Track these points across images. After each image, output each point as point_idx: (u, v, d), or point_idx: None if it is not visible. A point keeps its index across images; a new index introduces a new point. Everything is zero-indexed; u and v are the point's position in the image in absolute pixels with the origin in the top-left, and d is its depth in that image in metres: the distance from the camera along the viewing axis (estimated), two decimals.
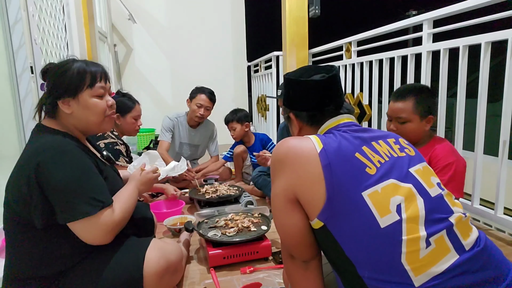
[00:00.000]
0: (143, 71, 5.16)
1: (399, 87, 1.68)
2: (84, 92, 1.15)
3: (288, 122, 1.11)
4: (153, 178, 1.39)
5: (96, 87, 1.16)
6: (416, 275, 0.77)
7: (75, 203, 1.02)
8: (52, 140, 1.08)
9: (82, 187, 1.04)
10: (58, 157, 1.03)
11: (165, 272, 1.20)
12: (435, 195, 0.86)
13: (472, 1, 1.86)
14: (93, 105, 1.17)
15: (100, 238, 1.07)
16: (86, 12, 3.16)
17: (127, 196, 1.21)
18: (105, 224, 1.05)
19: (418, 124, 1.54)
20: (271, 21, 5.06)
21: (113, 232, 1.09)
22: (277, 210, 0.92)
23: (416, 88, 1.59)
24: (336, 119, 1.00)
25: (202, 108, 2.78)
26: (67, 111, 1.14)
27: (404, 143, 0.97)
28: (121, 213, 1.12)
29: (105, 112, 1.20)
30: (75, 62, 1.16)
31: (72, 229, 1.05)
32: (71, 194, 1.02)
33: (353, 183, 0.82)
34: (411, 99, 1.53)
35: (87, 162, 1.09)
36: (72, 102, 1.14)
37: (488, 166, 2.10)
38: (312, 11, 3.90)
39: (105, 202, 1.07)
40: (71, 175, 1.03)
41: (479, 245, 0.82)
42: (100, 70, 1.19)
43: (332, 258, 0.90)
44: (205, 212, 2.08)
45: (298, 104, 1.04)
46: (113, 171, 1.33)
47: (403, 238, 0.78)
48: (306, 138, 0.91)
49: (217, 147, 3.13)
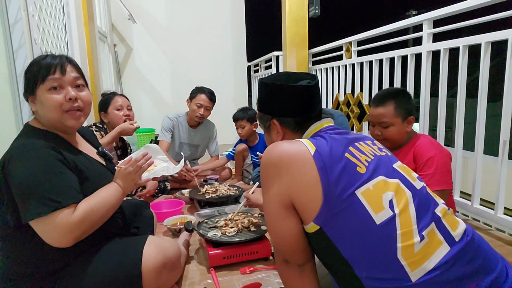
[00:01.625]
0: (143, 71, 5.16)
1: (377, 93, 1.76)
2: (39, 87, 1.10)
3: (267, 130, 1.08)
4: (132, 172, 1.24)
5: (48, 81, 1.09)
6: (413, 270, 0.78)
7: (28, 203, 0.99)
8: (24, 140, 1.08)
9: (38, 187, 1.00)
10: (20, 157, 1.03)
11: (163, 267, 1.19)
12: (419, 188, 0.90)
13: (472, 1, 1.86)
14: (46, 100, 1.10)
15: (58, 240, 1.01)
16: (86, 12, 3.16)
17: (101, 196, 1.13)
18: (60, 226, 0.99)
19: (400, 126, 1.62)
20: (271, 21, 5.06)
21: (71, 234, 1.01)
22: (271, 216, 0.91)
23: (394, 92, 1.66)
24: (320, 123, 1.02)
25: (202, 108, 2.78)
26: (33, 109, 1.14)
27: (379, 145, 1.01)
28: (83, 214, 1.04)
29: (61, 106, 1.11)
30: (37, 59, 1.13)
31: (34, 229, 1.02)
32: (27, 193, 0.99)
33: (348, 182, 0.83)
34: (391, 103, 1.60)
35: (50, 161, 1.04)
36: (35, 100, 1.12)
37: (488, 166, 2.10)
38: (312, 11, 3.90)
39: (62, 202, 1.00)
40: (29, 174, 1.00)
41: (468, 235, 0.85)
42: (55, 62, 1.11)
43: (328, 261, 0.90)
44: (205, 212, 2.09)
45: (284, 109, 1.02)
46: (105, 170, 1.30)
47: (398, 232, 0.80)
48: (297, 142, 0.91)
49: (217, 147, 3.13)
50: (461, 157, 2.08)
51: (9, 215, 1.03)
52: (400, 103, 1.59)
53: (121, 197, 1.20)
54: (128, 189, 1.24)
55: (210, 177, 2.87)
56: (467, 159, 2.37)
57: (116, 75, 4.88)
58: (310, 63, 3.93)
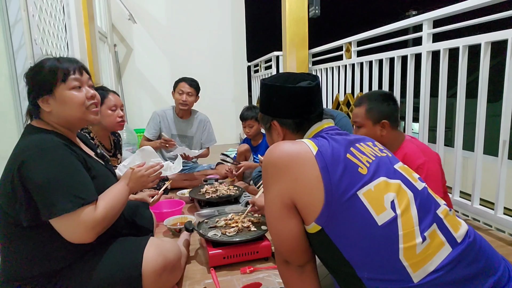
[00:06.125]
0: (143, 71, 5.16)
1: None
2: (58, 87, 1.13)
3: (268, 131, 1.08)
4: (145, 176, 1.33)
5: (69, 80, 1.15)
6: (415, 271, 0.77)
7: (55, 200, 1.01)
8: (36, 139, 1.08)
9: (63, 184, 1.03)
10: (40, 155, 1.04)
11: (163, 270, 1.19)
12: (421, 188, 0.89)
13: (472, 1, 1.86)
14: (70, 98, 1.15)
15: (81, 236, 1.04)
16: (86, 12, 3.16)
17: (114, 194, 1.18)
18: (85, 222, 1.03)
19: (370, 128, 1.62)
20: (271, 21, 5.06)
21: (94, 230, 1.06)
22: (273, 216, 0.91)
23: (371, 94, 1.69)
24: (321, 124, 1.01)
25: (184, 94, 2.80)
26: (47, 109, 1.15)
27: (380, 146, 1.01)
28: (104, 211, 1.09)
29: (84, 103, 1.18)
30: (47, 61, 1.16)
31: (55, 226, 1.04)
32: (51, 191, 1.01)
33: (350, 183, 0.83)
34: (364, 105, 1.62)
35: (70, 159, 1.08)
36: (50, 99, 1.14)
37: (488, 166, 2.10)
38: (312, 11, 3.91)
39: (86, 199, 1.05)
40: (52, 172, 1.03)
41: (470, 236, 0.84)
42: (73, 64, 1.18)
43: (329, 262, 0.90)
44: (205, 212, 2.09)
45: (283, 111, 1.02)
46: (106, 170, 1.32)
47: (400, 233, 0.80)
48: (299, 142, 0.91)
49: (209, 139, 3.08)
50: (461, 157, 2.08)
51: (23, 214, 1.03)
52: (372, 106, 1.60)
53: (128, 197, 1.25)
54: (135, 191, 1.32)
55: (210, 177, 2.87)
56: (467, 159, 2.37)
57: (116, 75, 4.88)
58: (310, 63, 3.94)
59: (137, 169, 1.32)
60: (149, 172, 1.35)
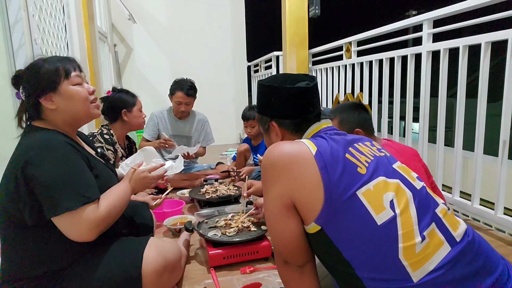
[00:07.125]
0: (143, 71, 5.16)
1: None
2: (62, 83, 1.15)
3: (266, 132, 1.08)
4: (149, 177, 1.34)
5: (72, 76, 1.17)
6: (414, 271, 0.77)
7: (60, 198, 1.01)
8: (39, 138, 1.08)
9: (67, 183, 1.03)
10: (44, 154, 1.04)
11: (164, 270, 1.20)
12: (419, 188, 0.89)
13: (472, 1, 1.86)
14: (76, 93, 1.17)
15: (84, 234, 1.04)
16: (86, 12, 3.16)
17: (116, 193, 1.18)
18: (89, 220, 1.04)
19: None
20: (271, 21, 5.06)
21: (97, 228, 1.06)
22: (272, 217, 0.91)
23: (339, 107, 1.69)
24: (319, 124, 1.01)
25: (182, 105, 2.80)
26: (52, 107, 1.15)
27: (378, 146, 1.00)
28: (107, 209, 1.09)
29: (88, 98, 1.21)
30: (44, 61, 1.17)
31: (57, 225, 1.04)
32: (56, 190, 1.02)
33: (349, 183, 0.83)
34: (336, 118, 1.63)
35: (74, 158, 1.09)
36: (55, 97, 1.15)
37: (488, 166, 2.11)
38: (312, 11, 3.91)
39: (90, 197, 1.06)
40: (56, 171, 1.03)
41: (469, 235, 0.84)
42: (72, 62, 1.21)
43: (329, 261, 0.90)
44: (205, 212, 2.09)
45: (282, 111, 1.02)
46: (107, 169, 1.32)
47: (399, 232, 0.80)
48: (298, 142, 0.91)
49: (206, 138, 3.08)
50: (461, 157, 2.08)
51: (27, 213, 1.04)
52: (344, 117, 1.62)
53: (130, 196, 1.26)
54: (137, 191, 1.32)
55: (210, 177, 2.87)
56: (467, 159, 2.37)
57: (116, 75, 4.88)
58: (310, 63, 3.94)
59: (140, 169, 1.33)
60: (153, 175, 1.36)
